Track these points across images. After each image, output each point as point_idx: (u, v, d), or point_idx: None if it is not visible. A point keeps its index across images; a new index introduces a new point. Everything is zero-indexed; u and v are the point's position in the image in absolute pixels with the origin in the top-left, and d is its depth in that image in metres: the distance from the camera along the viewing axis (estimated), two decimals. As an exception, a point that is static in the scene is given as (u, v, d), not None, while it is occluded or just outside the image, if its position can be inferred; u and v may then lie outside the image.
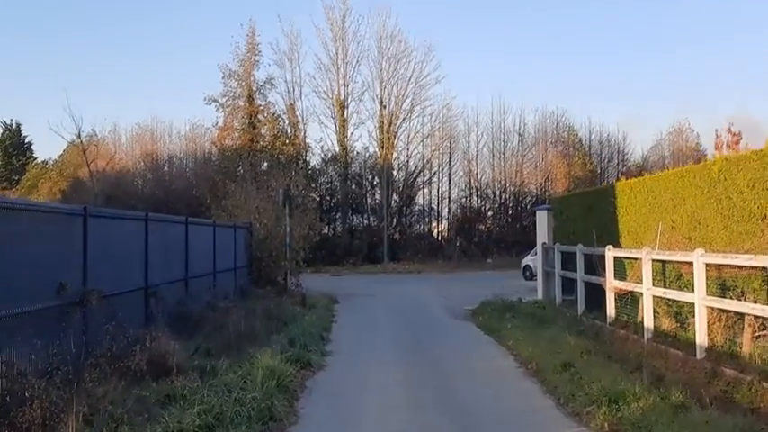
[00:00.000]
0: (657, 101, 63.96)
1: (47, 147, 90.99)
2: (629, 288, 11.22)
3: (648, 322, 10.39)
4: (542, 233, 17.02)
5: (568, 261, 15.27)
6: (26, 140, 58.56)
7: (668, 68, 63.00)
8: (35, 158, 56.12)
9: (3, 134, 56.90)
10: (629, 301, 11.60)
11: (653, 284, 10.37)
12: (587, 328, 12.24)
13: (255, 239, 18.25)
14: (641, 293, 10.86)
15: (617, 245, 12.48)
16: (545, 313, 14.37)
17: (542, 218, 17.12)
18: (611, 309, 12.02)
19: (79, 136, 29.45)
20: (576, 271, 14.07)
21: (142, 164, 45.93)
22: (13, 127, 57.90)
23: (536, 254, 29.10)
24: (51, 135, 71.60)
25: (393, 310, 16.61)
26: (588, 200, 14.41)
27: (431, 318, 15.08)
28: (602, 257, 12.45)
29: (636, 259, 11.24)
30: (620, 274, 12.07)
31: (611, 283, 12.02)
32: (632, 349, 10.06)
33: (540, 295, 16.73)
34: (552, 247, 16.14)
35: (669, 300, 10.22)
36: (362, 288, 24.52)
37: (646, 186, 11.39)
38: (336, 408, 6.99)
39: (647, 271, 10.51)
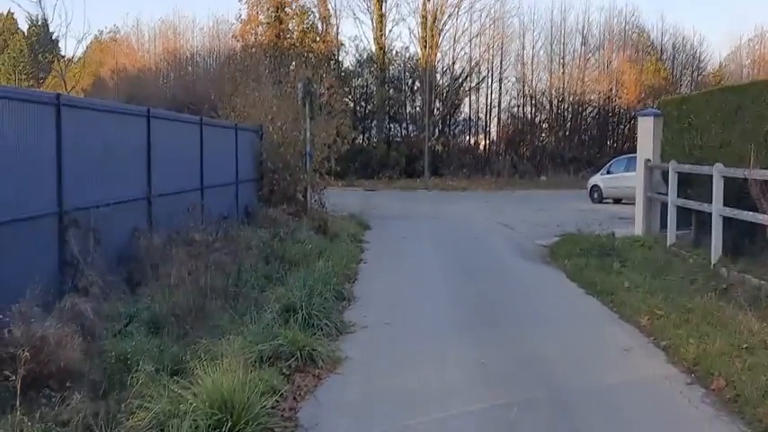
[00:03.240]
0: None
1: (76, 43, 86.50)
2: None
3: None
4: (646, 147, 12.63)
5: (686, 185, 11.09)
6: (53, 37, 55.02)
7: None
8: (63, 56, 53.07)
9: (28, 30, 53.44)
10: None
11: None
12: (735, 288, 8.21)
13: (267, 146, 14.32)
14: None
15: (794, 165, 8.19)
16: (657, 257, 10.33)
17: (646, 127, 12.67)
18: (782, 262, 7.91)
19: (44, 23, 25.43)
20: (706, 201, 9.93)
21: (164, 63, 42.03)
22: (39, 23, 54.19)
23: (607, 172, 24.66)
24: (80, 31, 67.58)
25: (441, 244, 12.68)
26: (733, 100, 9.93)
27: (496, 259, 11.10)
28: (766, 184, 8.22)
29: None
30: (796, 209, 7.91)
31: (789, 224, 7.85)
32: None
33: (638, 229, 12.57)
34: (663, 166, 11.83)
35: None
36: (400, 208, 20.62)
37: None
38: None
39: None
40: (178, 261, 7.43)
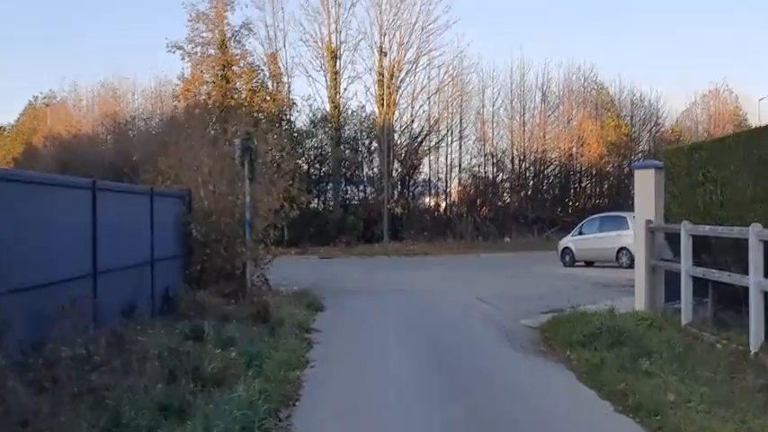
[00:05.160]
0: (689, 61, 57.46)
1: (6, 112, 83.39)
2: None
3: None
4: (646, 205, 10.76)
5: (699, 251, 9.23)
6: (-23, 102, 52.16)
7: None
8: (-8, 124, 50.24)
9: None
10: None
11: None
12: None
13: (198, 215, 11.94)
14: None
15: None
16: (673, 340, 8.23)
17: (646, 181, 10.85)
18: None
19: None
20: (734, 270, 8.06)
21: (103, 128, 39.56)
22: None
23: (579, 233, 22.96)
24: (10, 99, 64.60)
25: (410, 330, 10.30)
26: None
27: (480, 351, 8.75)
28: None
29: None
30: None
31: None
32: None
33: (640, 303, 10.53)
34: (671, 227, 9.96)
35: None
36: (359, 279, 18.35)
37: None
38: None
39: None
40: (23, 396, 4.93)
